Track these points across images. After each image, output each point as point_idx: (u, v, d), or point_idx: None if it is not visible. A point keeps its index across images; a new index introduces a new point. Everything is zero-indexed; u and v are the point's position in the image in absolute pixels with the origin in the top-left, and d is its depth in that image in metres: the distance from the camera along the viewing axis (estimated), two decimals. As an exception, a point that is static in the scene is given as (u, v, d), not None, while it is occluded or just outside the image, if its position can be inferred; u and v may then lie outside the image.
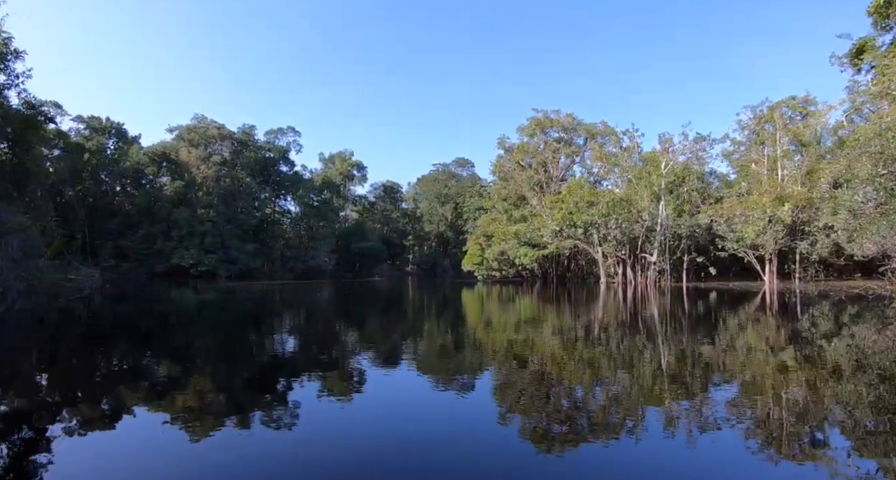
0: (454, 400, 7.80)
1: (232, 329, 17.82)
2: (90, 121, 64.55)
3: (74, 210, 55.80)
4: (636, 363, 10.53)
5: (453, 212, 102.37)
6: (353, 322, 20.94)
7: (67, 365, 10.85)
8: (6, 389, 8.50)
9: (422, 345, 14.05)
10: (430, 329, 18.09)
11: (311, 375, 9.65)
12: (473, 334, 16.54)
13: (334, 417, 6.82)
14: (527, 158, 60.32)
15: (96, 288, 38.40)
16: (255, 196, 69.85)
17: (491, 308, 26.76)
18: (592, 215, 44.32)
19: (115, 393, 8.19)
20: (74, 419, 6.72)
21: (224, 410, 7.21)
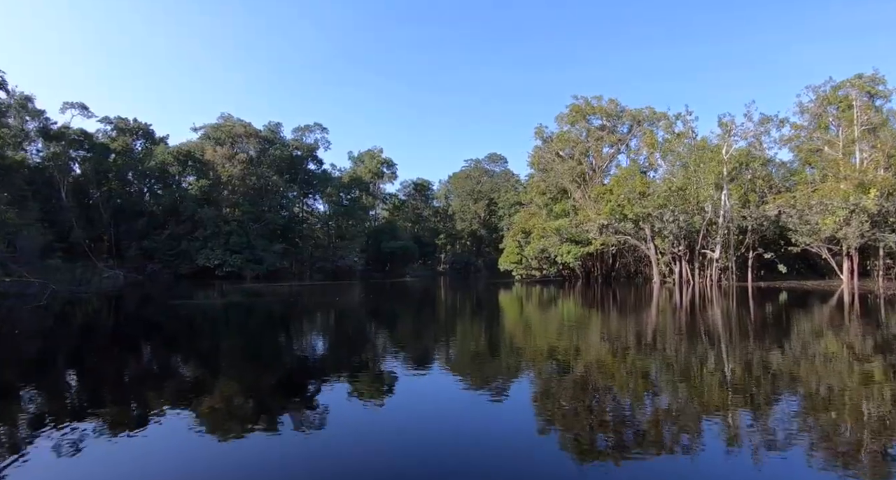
0: (489, 407, 7.63)
1: (258, 331, 17.65)
2: (118, 123, 66.70)
3: (100, 211, 58.15)
4: (695, 372, 9.95)
5: (486, 209, 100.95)
6: (385, 324, 20.40)
7: (85, 369, 11.04)
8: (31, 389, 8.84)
9: (455, 349, 13.65)
10: (464, 332, 17.55)
11: (341, 378, 9.68)
12: (511, 338, 16.03)
13: (364, 421, 6.86)
14: (566, 149, 58.92)
15: (114, 290, 37.36)
16: (282, 194, 70.38)
17: (530, 310, 25.79)
18: (645, 207, 42.85)
19: (141, 396, 8.28)
20: (101, 421, 6.79)
21: (252, 413, 7.33)
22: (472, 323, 20.95)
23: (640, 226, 45.47)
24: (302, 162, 75.82)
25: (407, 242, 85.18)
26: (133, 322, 20.75)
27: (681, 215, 42.99)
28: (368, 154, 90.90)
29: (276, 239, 65.86)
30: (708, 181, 41.28)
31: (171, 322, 20.45)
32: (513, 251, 55.58)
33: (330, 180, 77.11)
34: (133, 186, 62.18)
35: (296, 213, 75.00)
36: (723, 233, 43.12)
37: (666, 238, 44.68)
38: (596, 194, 47.54)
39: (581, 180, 55.03)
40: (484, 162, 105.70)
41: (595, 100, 58.88)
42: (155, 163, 61.26)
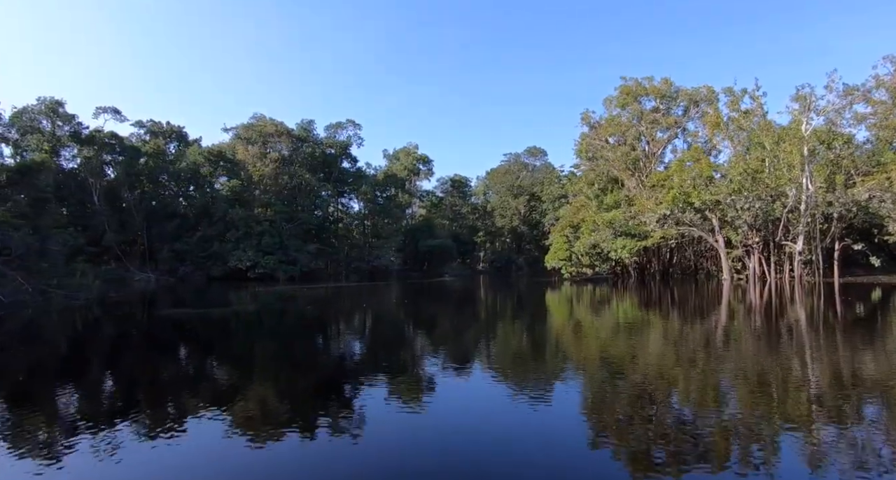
0: (535, 414, 7.19)
1: (293, 334, 16.99)
2: (151, 126, 65.37)
3: (133, 214, 56.33)
4: (774, 382, 8.78)
5: (527, 204, 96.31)
6: (425, 327, 19.01)
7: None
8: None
9: (499, 353, 12.87)
10: (509, 335, 16.53)
11: (378, 381, 9.48)
12: (559, 342, 15.06)
13: (402, 426, 6.71)
14: (617, 134, 53.53)
15: (146, 292, 35.22)
16: (315, 193, 67.76)
17: (580, 311, 23.76)
18: (716, 193, 37.30)
19: (176, 400, 8.08)
20: (136, 424, 6.66)
21: (287, 417, 7.18)
22: (517, 325, 19.45)
23: (707, 215, 39.83)
24: (335, 160, 72.67)
25: (445, 240, 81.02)
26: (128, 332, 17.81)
27: (756, 202, 37.25)
28: (403, 151, 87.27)
29: (309, 239, 62.79)
30: (790, 161, 35.39)
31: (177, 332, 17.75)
32: (561, 247, 50.53)
33: (364, 178, 73.70)
34: (165, 188, 60.07)
35: (330, 213, 71.92)
36: (806, 222, 37.14)
37: (738, 228, 38.96)
38: (655, 181, 42.12)
39: (634, 167, 49.56)
40: (523, 156, 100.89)
41: (646, 82, 53.35)
42: (186, 165, 58.97)
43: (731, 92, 45.34)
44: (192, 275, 53.91)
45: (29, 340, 15.80)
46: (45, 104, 53.51)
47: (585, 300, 29.18)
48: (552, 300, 30.88)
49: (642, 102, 53.31)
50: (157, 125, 65.15)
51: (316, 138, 70.97)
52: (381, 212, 74.34)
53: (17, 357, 12.59)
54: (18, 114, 53.22)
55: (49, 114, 53.78)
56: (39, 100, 53.85)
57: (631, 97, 52.24)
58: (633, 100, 52.69)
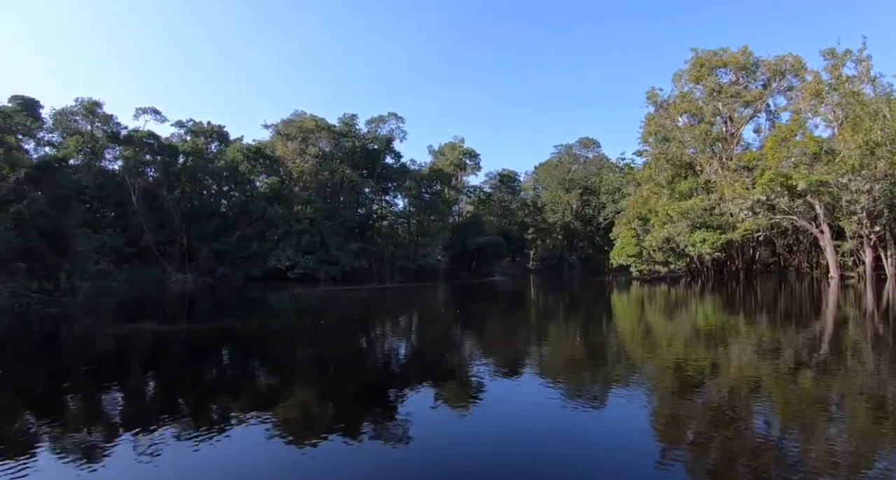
0: (598, 426, 6.60)
1: (335, 338, 15.40)
2: (192, 127, 63.53)
3: (172, 214, 54.19)
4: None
5: (580, 199, 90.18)
6: (482, 337, 16.20)
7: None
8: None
9: (561, 358, 11.59)
10: (573, 341, 14.64)
11: (425, 386, 9.06)
12: (628, 348, 13.35)
13: (450, 432, 6.37)
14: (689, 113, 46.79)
15: (168, 295, 31.73)
16: (358, 190, 64.07)
17: (653, 314, 21.10)
18: (828, 173, 30.40)
19: (219, 402, 7.84)
20: (179, 427, 6.44)
21: (331, 421, 6.91)
22: (583, 331, 17.18)
23: (810, 200, 32.88)
24: (378, 155, 68.66)
25: (494, 238, 75.59)
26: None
27: (875, 183, 30.11)
28: (449, 146, 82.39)
29: (352, 237, 58.88)
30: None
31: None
32: (629, 242, 44.17)
33: (409, 173, 69.26)
34: (204, 187, 57.43)
35: (373, 210, 67.77)
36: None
37: (851, 216, 31.79)
38: (746, 161, 35.28)
39: (713, 149, 42.67)
40: (575, 147, 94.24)
41: (721, 53, 46.24)
42: (225, 163, 56.11)
43: (833, 54, 37.89)
44: (231, 276, 50.92)
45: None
46: (83, 105, 51.86)
47: (658, 301, 25.81)
48: (620, 302, 27.85)
49: (718, 75, 46.24)
50: (197, 125, 62.87)
51: (358, 133, 67.18)
52: (426, 209, 69.76)
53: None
54: (57, 115, 51.81)
55: (87, 114, 52.11)
56: (77, 102, 52.21)
57: (706, 70, 45.38)
58: (708, 74, 45.72)
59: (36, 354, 13.38)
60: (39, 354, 13.41)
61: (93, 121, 52.54)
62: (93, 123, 52.68)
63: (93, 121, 52.54)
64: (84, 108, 51.79)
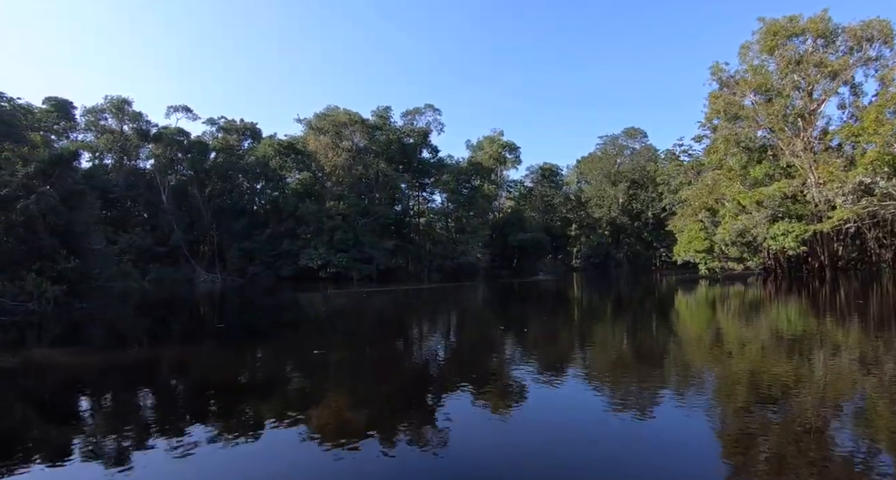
0: (652, 437, 5.73)
1: (369, 341, 13.91)
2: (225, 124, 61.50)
3: (202, 213, 52.17)
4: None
5: (627, 192, 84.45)
6: (537, 346, 13.03)
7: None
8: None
9: (620, 366, 9.96)
10: (638, 348, 12.16)
11: (465, 390, 8.13)
12: (694, 356, 11.19)
13: (490, 439, 5.87)
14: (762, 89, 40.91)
15: (180, 298, 29.14)
16: (393, 185, 60.76)
17: (726, 317, 18.22)
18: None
19: (250, 406, 7.42)
20: (210, 430, 6.13)
21: (365, 426, 6.39)
22: (647, 335, 14.50)
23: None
24: (414, 149, 65.11)
25: (537, 234, 70.87)
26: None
27: None
28: (487, 139, 78.11)
29: (387, 235, 55.54)
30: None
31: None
32: (696, 236, 38.62)
33: (446, 167, 65.39)
34: (234, 185, 55.03)
35: (409, 206, 64.19)
36: None
37: None
38: (844, 137, 29.66)
39: (794, 127, 36.89)
40: (621, 138, 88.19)
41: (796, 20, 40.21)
42: (255, 159, 53.60)
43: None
44: (261, 276, 48.31)
45: None
46: (111, 102, 50.38)
47: (732, 303, 22.21)
48: (688, 304, 23.56)
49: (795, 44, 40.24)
50: (229, 123, 60.97)
51: (392, 126, 63.82)
52: (465, 204, 65.72)
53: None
54: (86, 114, 50.55)
55: (116, 112, 50.61)
56: (106, 99, 50.78)
57: (780, 38, 39.40)
58: (783, 43, 39.78)
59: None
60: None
61: (122, 118, 51.03)
62: (122, 121, 51.17)
63: (122, 118, 51.03)
64: (113, 106, 50.31)
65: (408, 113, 66.24)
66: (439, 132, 66.15)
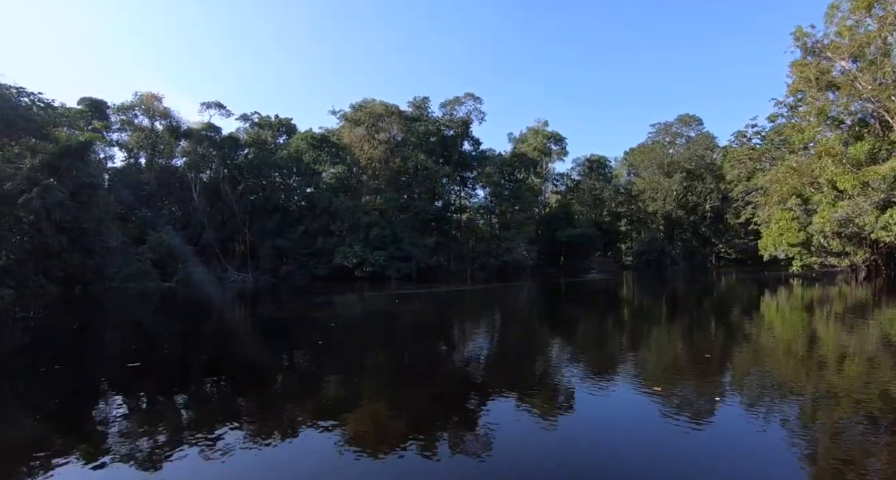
0: (730, 459, 4.83)
1: (410, 344, 12.36)
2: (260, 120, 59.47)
3: (234, 210, 49.62)
4: None
5: (682, 184, 77.84)
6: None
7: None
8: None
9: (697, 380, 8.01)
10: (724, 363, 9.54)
11: (516, 398, 7.15)
12: (781, 369, 8.89)
13: (537, 447, 5.30)
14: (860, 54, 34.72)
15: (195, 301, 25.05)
16: (433, 179, 56.96)
17: (825, 324, 14.20)
18: None
19: (282, 409, 6.88)
20: (242, 434, 5.65)
21: (404, 432, 5.84)
22: (735, 344, 11.49)
23: None
24: (455, 141, 61.06)
25: (587, 229, 65.67)
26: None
27: None
28: (531, 131, 73.29)
29: (427, 231, 51.64)
30: None
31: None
32: (788, 226, 32.62)
33: (489, 159, 61.02)
34: (267, 180, 52.27)
35: (451, 201, 60.09)
36: None
37: None
38: None
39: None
40: (675, 125, 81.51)
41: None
42: (287, 153, 50.71)
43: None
44: (295, 275, 45.28)
45: None
46: (141, 99, 48.54)
47: (833, 307, 18.31)
48: (778, 306, 19.36)
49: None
50: (263, 119, 58.56)
51: (431, 117, 59.96)
52: (510, 199, 61.15)
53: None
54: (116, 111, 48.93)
55: (146, 108, 48.76)
56: (136, 96, 48.98)
57: (883, -9, 33.17)
58: (879, 0, 33.57)
59: None
60: None
61: (152, 115, 49.16)
62: (152, 118, 49.31)
63: (152, 115, 49.16)
64: (143, 102, 48.47)
65: (447, 103, 62.25)
66: (480, 121, 61.91)
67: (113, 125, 51.00)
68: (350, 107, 56.58)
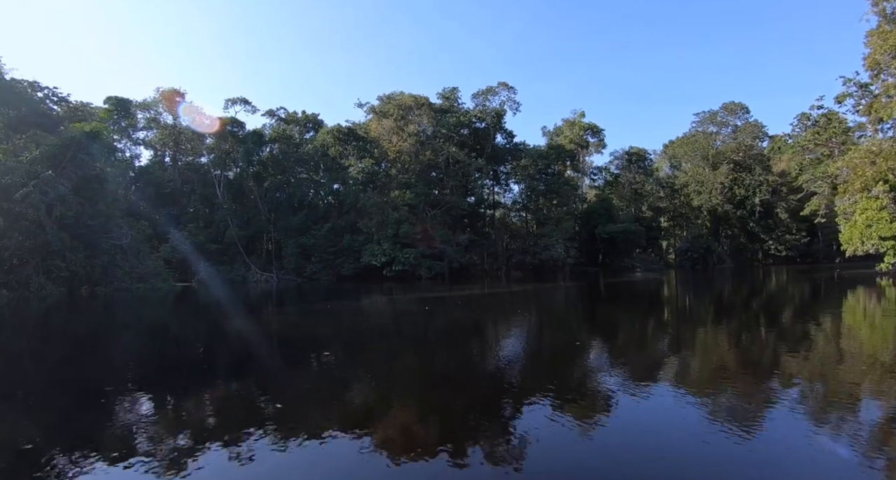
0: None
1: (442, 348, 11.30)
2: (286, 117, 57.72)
3: (258, 207, 47.53)
4: None
5: (728, 176, 72.37)
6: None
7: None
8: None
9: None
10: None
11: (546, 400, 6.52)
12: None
13: (571, 455, 4.80)
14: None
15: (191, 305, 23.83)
16: (466, 172, 53.68)
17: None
18: None
19: (305, 414, 6.30)
20: (268, 439, 5.22)
21: (436, 439, 5.38)
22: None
23: None
24: (487, 134, 57.61)
25: (630, 225, 61.21)
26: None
27: None
28: (567, 123, 69.13)
29: (460, 228, 48.33)
30: None
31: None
32: (877, 216, 27.85)
33: (524, 151, 57.41)
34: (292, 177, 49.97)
35: (484, 196, 56.70)
36: None
37: None
38: None
39: None
40: (720, 114, 75.97)
41: None
42: (313, 147, 48.30)
43: None
44: (320, 275, 42.70)
45: None
46: (163, 94, 46.95)
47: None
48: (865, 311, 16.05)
49: None
50: (290, 115, 56.53)
51: (462, 108, 56.72)
52: (546, 193, 57.31)
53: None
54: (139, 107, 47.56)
55: (169, 104, 47.16)
56: (158, 91, 47.38)
57: None
58: None
59: None
60: None
61: (174, 110, 47.59)
62: (174, 113, 47.74)
63: (174, 110, 47.59)
64: (164, 98, 46.89)
65: (479, 93, 58.73)
66: (514, 112, 58.21)
67: (139, 123, 49.83)
68: (377, 100, 53.95)
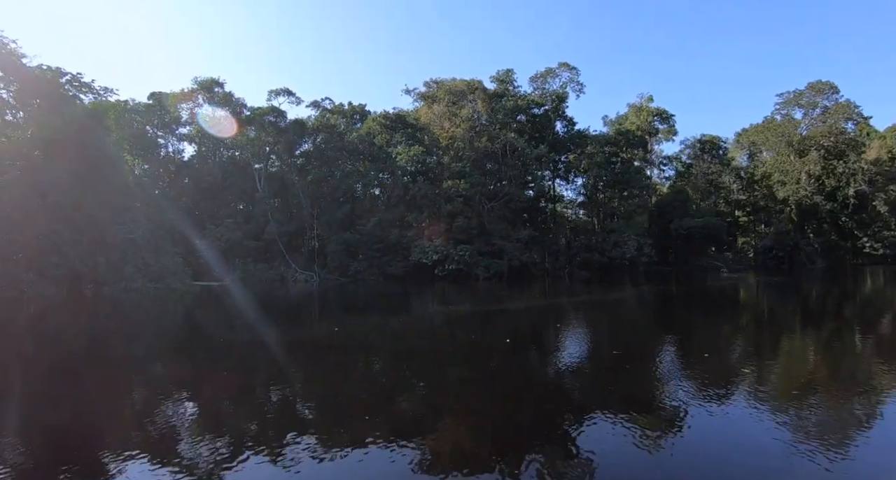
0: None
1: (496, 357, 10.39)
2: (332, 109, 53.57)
3: (300, 202, 43.31)
4: None
5: (818, 164, 62.70)
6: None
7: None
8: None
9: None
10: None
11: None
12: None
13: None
14: None
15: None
16: (526, 161, 47.42)
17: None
18: None
19: (352, 422, 6.19)
20: (315, 449, 5.16)
21: (487, 454, 5.11)
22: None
23: None
24: (547, 120, 51.24)
25: (710, 219, 53.45)
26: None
27: None
28: (633, 109, 61.74)
29: (519, 223, 42.25)
30: None
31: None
32: None
33: (589, 138, 50.72)
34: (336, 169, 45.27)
35: (545, 188, 50.28)
36: None
37: None
38: None
39: None
40: (806, 94, 66.15)
41: None
42: (358, 136, 43.50)
43: None
44: (365, 273, 37.73)
45: None
46: (201, 84, 43.46)
47: None
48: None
49: None
50: (337, 106, 52.30)
51: (518, 92, 50.66)
52: (614, 184, 50.33)
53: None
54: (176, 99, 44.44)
55: (207, 95, 43.66)
56: (195, 81, 43.95)
57: None
58: None
59: None
60: None
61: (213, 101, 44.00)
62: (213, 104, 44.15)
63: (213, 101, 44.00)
64: (202, 88, 43.36)
65: (537, 76, 52.52)
66: (578, 95, 51.71)
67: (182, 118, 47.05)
68: (425, 83, 48.68)
